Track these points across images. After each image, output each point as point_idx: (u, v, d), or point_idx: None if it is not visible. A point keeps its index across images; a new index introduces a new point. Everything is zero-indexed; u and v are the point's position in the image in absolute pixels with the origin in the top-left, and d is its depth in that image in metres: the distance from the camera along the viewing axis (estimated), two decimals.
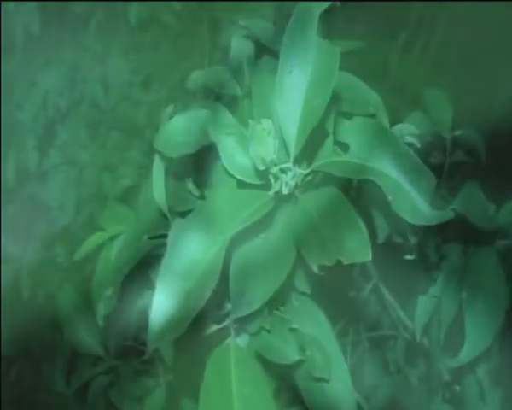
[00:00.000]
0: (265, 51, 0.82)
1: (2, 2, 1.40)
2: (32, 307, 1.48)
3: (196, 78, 0.84)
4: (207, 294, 0.60)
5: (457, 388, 0.92)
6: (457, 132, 0.94)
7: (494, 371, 0.87)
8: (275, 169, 0.62)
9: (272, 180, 0.62)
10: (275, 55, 0.80)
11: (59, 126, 1.53)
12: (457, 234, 0.80)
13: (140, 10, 1.42)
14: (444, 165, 0.91)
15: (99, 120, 1.49)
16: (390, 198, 0.59)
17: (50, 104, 1.51)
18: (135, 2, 1.43)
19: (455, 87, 1.04)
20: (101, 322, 0.83)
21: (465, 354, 0.77)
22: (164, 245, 0.71)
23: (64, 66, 1.50)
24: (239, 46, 0.82)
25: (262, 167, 0.61)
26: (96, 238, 0.94)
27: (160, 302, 0.61)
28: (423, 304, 0.85)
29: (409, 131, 0.76)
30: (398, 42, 1.43)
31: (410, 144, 0.74)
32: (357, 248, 0.58)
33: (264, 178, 0.63)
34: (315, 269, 0.58)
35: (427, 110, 0.94)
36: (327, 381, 0.67)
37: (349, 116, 0.69)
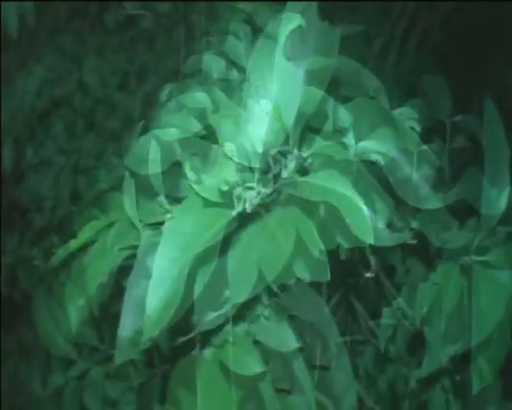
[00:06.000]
0: (236, 67, 0.83)
1: None
2: (9, 306, 1.48)
3: (168, 91, 0.85)
4: (172, 310, 0.62)
5: (424, 396, 0.94)
6: (457, 118, 0.92)
7: (459, 381, 0.89)
8: (238, 190, 0.63)
9: (235, 201, 0.64)
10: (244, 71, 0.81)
11: (36, 127, 1.53)
12: (419, 250, 0.81)
13: (117, 14, 1.43)
14: (444, 150, 0.90)
15: (76, 122, 1.50)
16: (348, 220, 0.60)
17: (28, 105, 1.51)
18: (112, 5, 1.44)
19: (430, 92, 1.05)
20: (75, 330, 0.84)
21: (426, 367, 0.79)
22: (134, 256, 0.72)
23: (42, 68, 1.50)
24: (210, 62, 0.83)
25: (225, 188, 0.63)
26: (70, 245, 0.94)
27: (127, 317, 0.63)
28: (387, 318, 0.87)
29: (409, 114, 0.77)
30: (374, 49, 1.45)
31: (410, 128, 0.75)
32: (317, 267, 0.60)
33: (228, 198, 0.65)
34: (274, 287, 0.59)
35: (426, 96, 0.93)
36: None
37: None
